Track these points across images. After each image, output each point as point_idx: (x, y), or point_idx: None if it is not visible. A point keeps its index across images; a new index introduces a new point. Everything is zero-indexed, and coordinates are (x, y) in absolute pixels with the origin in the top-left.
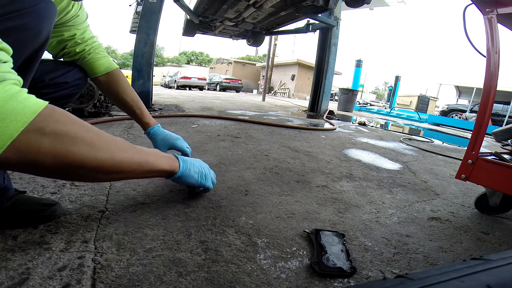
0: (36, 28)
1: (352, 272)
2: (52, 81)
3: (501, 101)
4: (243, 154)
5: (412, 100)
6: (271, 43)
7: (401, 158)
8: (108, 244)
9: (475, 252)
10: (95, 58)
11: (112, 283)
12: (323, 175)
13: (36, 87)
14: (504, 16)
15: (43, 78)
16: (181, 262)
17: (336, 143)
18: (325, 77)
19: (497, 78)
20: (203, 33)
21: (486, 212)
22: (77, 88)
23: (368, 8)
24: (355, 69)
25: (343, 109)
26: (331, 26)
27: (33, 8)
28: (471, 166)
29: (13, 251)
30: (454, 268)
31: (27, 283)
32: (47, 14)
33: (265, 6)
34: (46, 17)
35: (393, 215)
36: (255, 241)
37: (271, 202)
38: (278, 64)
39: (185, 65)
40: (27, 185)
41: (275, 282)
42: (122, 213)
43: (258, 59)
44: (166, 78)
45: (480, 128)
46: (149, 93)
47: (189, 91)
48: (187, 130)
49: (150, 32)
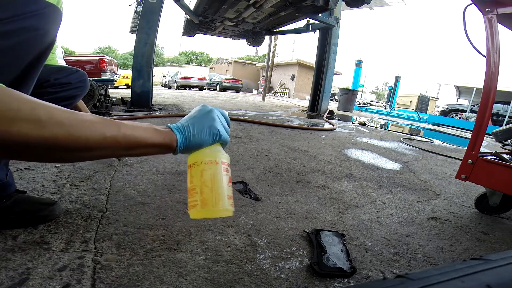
0: (44, 29)
1: (352, 272)
2: (56, 81)
3: (501, 101)
4: (243, 154)
5: (412, 100)
6: (271, 43)
7: (401, 158)
8: (108, 244)
9: (475, 252)
10: (50, 58)
11: (112, 283)
12: (323, 175)
13: (42, 86)
14: (504, 16)
15: (49, 78)
16: (181, 262)
17: (336, 143)
18: (325, 77)
19: (497, 78)
20: (203, 33)
21: (486, 212)
22: (80, 90)
23: (368, 8)
24: (355, 69)
25: (343, 109)
26: (331, 26)
27: (41, 11)
28: (471, 166)
29: (13, 251)
30: (454, 268)
31: (27, 283)
32: (53, 18)
33: (265, 6)
34: (53, 20)
35: (393, 215)
36: (255, 241)
37: (271, 202)
38: (278, 64)
39: (185, 65)
40: (27, 185)
41: (275, 282)
42: (122, 213)
43: (258, 59)
44: (166, 78)
45: (480, 128)
46: (149, 93)
47: (189, 91)
48: None
49: (150, 32)
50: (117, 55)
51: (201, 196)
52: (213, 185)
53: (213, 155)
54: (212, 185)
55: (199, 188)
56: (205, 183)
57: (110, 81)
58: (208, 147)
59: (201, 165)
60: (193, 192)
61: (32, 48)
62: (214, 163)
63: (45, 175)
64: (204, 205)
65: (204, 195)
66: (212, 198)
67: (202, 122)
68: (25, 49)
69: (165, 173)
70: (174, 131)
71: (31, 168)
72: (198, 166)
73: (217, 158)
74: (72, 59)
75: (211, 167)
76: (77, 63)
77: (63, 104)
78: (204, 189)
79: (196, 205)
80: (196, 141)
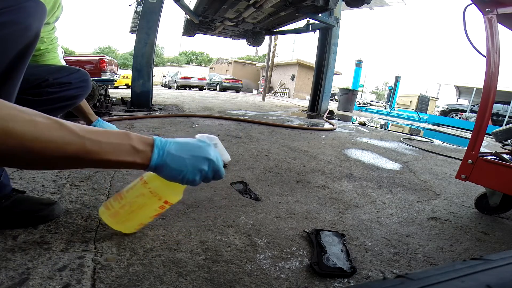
0: (25, 23)
1: (352, 272)
2: (56, 81)
3: (501, 101)
4: (243, 154)
5: (412, 100)
6: (271, 43)
7: (401, 158)
8: (108, 244)
9: (475, 252)
10: (51, 57)
11: (112, 283)
12: (323, 175)
13: (41, 86)
14: (504, 16)
15: (47, 77)
16: (181, 262)
17: (336, 143)
18: (325, 77)
19: (497, 78)
20: (203, 33)
21: (486, 212)
22: (81, 90)
23: (368, 8)
24: (355, 69)
25: (343, 109)
26: (331, 26)
27: (21, 5)
28: (471, 166)
29: (13, 251)
30: (454, 268)
31: (27, 283)
32: (34, 11)
33: (265, 6)
34: (34, 14)
35: (393, 215)
36: (255, 241)
37: (271, 202)
38: (278, 64)
39: (185, 65)
40: (27, 185)
41: (275, 282)
42: None
43: (258, 59)
44: (166, 78)
45: (480, 128)
46: (149, 93)
47: (189, 91)
48: (187, 130)
49: (150, 32)
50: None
51: (119, 208)
52: (135, 210)
53: (165, 193)
54: (134, 209)
55: (125, 201)
56: (131, 203)
57: (110, 81)
58: (173, 185)
59: (146, 189)
60: (119, 198)
61: (13, 43)
62: (157, 198)
63: (45, 175)
64: (114, 216)
65: (121, 210)
66: (122, 217)
67: (193, 164)
68: (5, 45)
69: None
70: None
71: None
72: (144, 187)
73: (165, 197)
74: (72, 59)
75: (150, 198)
76: (77, 63)
77: (65, 104)
78: (126, 206)
79: (110, 210)
80: (170, 175)
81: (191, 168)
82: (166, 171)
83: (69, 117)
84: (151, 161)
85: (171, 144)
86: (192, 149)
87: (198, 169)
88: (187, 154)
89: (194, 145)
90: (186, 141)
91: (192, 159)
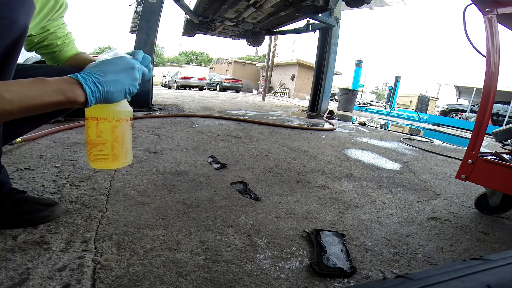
0: (10, 18)
1: (352, 272)
2: None
3: (501, 101)
4: (243, 154)
5: (412, 100)
6: (271, 43)
7: (401, 158)
8: (108, 244)
9: (475, 252)
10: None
11: (112, 283)
12: (323, 175)
13: None
14: (504, 16)
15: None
16: (181, 262)
17: (336, 143)
18: (325, 77)
19: (497, 78)
20: (203, 33)
21: (486, 212)
22: None
23: (368, 8)
24: (355, 69)
25: (343, 109)
26: (331, 26)
27: (4, 0)
28: (471, 166)
29: (13, 251)
30: (454, 268)
31: (27, 283)
32: (21, 6)
33: (265, 6)
34: (19, 9)
35: (393, 215)
36: (255, 241)
37: (271, 202)
38: (278, 64)
39: (185, 65)
40: (27, 185)
41: (275, 282)
42: (122, 213)
43: (258, 59)
44: (166, 78)
45: (480, 128)
46: (149, 93)
47: (189, 91)
48: (187, 130)
49: (150, 32)
50: None
51: (112, 151)
52: (123, 141)
53: (125, 113)
54: (122, 141)
55: (110, 144)
56: (116, 139)
57: None
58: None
59: (113, 121)
60: (102, 146)
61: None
62: (125, 121)
63: (45, 175)
64: (115, 159)
65: (115, 151)
66: (122, 153)
67: (121, 79)
68: None
69: (165, 173)
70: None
71: (31, 168)
72: (108, 122)
73: (128, 115)
74: None
75: (122, 124)
76: None
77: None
78: (115, 144)
79: (107, 159)
80: (109, 98)
81: (128, 82)
82: (112, 97)
83: (69, 117)
84: (88, 95)
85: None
86: (118, 65)
87: (133, 79)
88: (119, 72)
89: (116, 61)
90: (108, 61)
91: (124, 74)
